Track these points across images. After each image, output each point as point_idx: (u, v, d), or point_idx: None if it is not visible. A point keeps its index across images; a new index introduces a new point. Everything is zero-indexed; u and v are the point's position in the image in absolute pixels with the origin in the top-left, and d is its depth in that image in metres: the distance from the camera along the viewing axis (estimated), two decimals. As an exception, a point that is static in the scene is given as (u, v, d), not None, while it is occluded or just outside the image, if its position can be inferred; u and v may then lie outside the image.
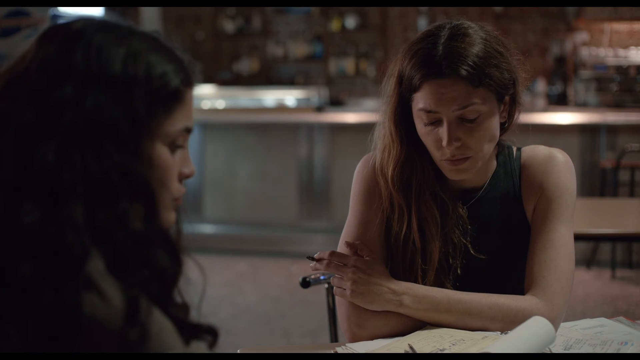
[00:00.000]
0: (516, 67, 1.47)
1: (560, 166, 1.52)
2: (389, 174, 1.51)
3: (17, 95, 0.89)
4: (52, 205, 0.84)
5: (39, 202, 0.84)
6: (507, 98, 1.46)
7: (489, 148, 1.47)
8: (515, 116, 1.52)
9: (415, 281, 1.49)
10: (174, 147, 0.95)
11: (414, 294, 1.43)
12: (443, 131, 1.42)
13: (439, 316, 1.42)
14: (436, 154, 1.47)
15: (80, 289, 0.82)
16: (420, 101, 1.43)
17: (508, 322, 1.41)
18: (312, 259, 1.47)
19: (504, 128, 1.53)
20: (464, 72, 1.38)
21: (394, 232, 1.52)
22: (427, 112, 1.42)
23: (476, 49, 1.40)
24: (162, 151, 0.94)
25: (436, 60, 1.39)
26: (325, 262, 1.45)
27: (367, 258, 1.48)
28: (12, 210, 0.84)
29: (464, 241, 1.52)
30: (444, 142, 1.41)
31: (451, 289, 1.49)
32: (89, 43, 0.90)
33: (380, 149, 1.54)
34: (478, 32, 1.44)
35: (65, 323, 0.82)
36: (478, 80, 1.38)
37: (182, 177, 0.98)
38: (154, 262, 0.89)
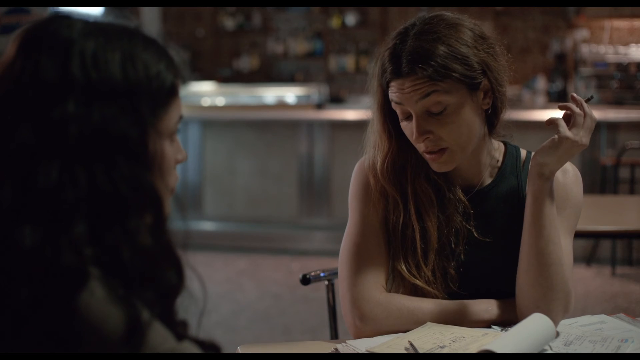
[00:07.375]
0: (492, 57, 1.46)
1: (572, 179, 1.56)
2: (378, 168, 1.54)
3: (12, 114, 0.84)
4: (55, 227, 0.81)
5: (42, 225, 0.81)
6: (485, 85, 1.45)
7: (468, 139, 1.47)
8: (501, 106, 1.51)
9: (417, 265, 1.51)
10: (171, 138, 0.94)
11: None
12: (412, 124, 1.45)
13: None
14: (417, 147, 1.50)
15: (80, 310, 0.80)
16: (391, 95, 1.47)
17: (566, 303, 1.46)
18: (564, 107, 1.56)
19: (493, 122, 1.53)
20: (421, 72, 1.40)
21: (391, 222, 1.54)
22: (396, 103, 1.45)
23: (441, 47, 1.40)
24: (165, 147, 0.92)
25: (399, 60, 1.43)
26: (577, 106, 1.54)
27: None
28: (13, 234, 0.81)
29: (467, 226, 1.53)
30: (414, 136, 1.45)
31: (454, 275, 1.51)
32: (82, 52, 0.86)
33: (372, 145, 1.57)
34: (450, 26, 1.43)
35: (64, 344, 0.80)
36: (438, 75, 1.40)
37: (176, 163, 0.97)
38: (160, 280, 0.87)
